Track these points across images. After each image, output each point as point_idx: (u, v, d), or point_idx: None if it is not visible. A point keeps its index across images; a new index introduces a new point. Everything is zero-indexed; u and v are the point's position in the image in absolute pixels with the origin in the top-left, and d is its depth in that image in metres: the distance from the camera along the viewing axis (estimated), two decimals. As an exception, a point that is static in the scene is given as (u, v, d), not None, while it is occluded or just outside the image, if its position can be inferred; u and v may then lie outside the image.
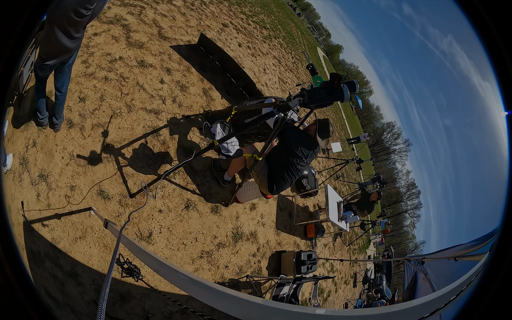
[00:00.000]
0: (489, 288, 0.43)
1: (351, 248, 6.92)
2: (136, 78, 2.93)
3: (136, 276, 1.63)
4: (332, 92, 1.99)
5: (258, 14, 8.78)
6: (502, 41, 0.45)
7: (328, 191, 4.62)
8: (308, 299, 3.79)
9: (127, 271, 1.62)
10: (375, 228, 9.41)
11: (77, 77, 2.53)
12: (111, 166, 2.41)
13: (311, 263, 3.69)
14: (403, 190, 30.46)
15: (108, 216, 2.26)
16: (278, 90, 5.84)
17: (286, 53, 8.88)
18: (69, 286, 1.92)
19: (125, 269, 1.61)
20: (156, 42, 3.42)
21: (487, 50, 0.48)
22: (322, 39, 43.65)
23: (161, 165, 2.74)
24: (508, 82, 0.46)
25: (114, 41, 3.00)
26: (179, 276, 1.09)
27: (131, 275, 1.63)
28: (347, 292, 6.12)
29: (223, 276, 2.86)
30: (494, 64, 0.47)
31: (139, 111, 2.78)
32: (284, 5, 22.02)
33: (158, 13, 3.81)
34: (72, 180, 2.18)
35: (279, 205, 4.05)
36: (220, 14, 5.62)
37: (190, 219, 2.74)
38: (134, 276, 1.63)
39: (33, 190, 1.98)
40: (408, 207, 28.47)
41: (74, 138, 2.30)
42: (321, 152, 7.02)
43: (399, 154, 34.21)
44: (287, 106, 2.04)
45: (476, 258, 1.55)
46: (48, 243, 1.93)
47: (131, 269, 1.62)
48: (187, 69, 3.53)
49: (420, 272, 2.71)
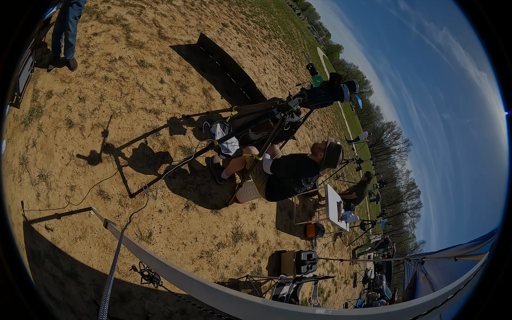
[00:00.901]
0: (489, 288, 0.43)
1: (351, 248, 6.93)
2: (136, 78, 2.93)
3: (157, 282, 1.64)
4: (332, 92, 1.99)
5: (258, 14, 8.78)
6: (502, 42, 0.46)
7: (328, 190, 4.62)
8: (308, 299, 3.79)
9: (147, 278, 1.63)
10: (375, 228, 9.42)
11: (77, 77, 2.53)
12: (111, 166, 2.41)
13: (311, 263, 3.69)
14: (403, 190, 30.50)
15: (108, 216, 2.26)
16: (278, 90, 5.84)
17: (286, 53, 8.88)
18: (69, 286, 1.92)
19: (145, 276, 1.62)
20: (156, 42, 3.42)
21: (487, 50, 0.48)
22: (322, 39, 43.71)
23: (161, 164, 2.74)
24: (508, 83, 0.46)
25: (114, 41, 3.00)
26: (179, 276, 1.09)
27: (151, 281, 1.65)
28: (347, 292, 6.12)
29: (223, 276, 2.86)
30: (494, 64, 0.47)
31: (139, 111, 2.78)
32: (284, 5, 22.03)
33: (158, 13, 3.81)
34: (72, 179, 2.18)
35: (279, 205, 4.05)
36: (220, 14, 5.62)
37: (190, 219, 2.74)
38: (154, 282, 1.64)
39: (33, 189, 1.98)
40: (408, 206, 28.51)
41: (74, 138, 2.30)
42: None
43: (399, 154, 34.25)
44: (287, 106, 2.04)
45: (476, 258, 1.55)
46: (48, 243, 1.93)
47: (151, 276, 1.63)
48: (187, 69, 3.52)
49: (420, 272, 2.71)
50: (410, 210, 28.09)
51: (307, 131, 6.67)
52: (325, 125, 9.66)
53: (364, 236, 8.56)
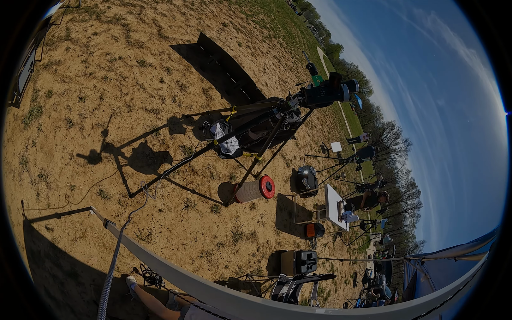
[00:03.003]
0: (489, 288, 0.43)
1: (351, 248, 6.93)
2: (135, 78, 2.93)
3: (159, 283, 1.65)
4: (332, 91, 1.99)
5: (258, 13, 8.77)
6: (502, 42, 0.46)
7: (328, 190, 4.62)
8: (307, 299, 3.79)
9: (150, 279, 1.64)
10: (375, 228, 9.43)
11: (77, 77, 2.53)
12: (110, 166, 2.41)
13: (311, 262, 3.69)
14: (403, 190, 30.55)
15: (107, 215, 2.26)
16: (278, 90, 5.84)
17: (286, 53, 8.88)
18: (69, 286, 1.92)
19: (147, 278, 1.63)
20: (156, 42, 3.42)
21: (488, 51, 0.48)
22: (322, 38, 43.70)
23: (160, 164, 2.73)
24: (508, 83, 0.46)
25: (113, 41, 3.00)
26: (178, 275, 1.09)
27: (154, 283, 1.66)
28: (347, 292, 6.13)
29: (223, 276, 2.86)
30: (495, 65, 0.47)
31: (138, 111, 2.78)
32: (284, 5, 22.01)
33: (157, 12, 3.81)
34: (72, 179, 2.18)
35: (279, 204, 4.05)
36: (220, 13, 5.61)
37: (190, 218, 2.74)
38: (156, 284, 1.65)
39: (33, 189, 1.98)
40: (408, 206, 28.57)
41: (74, 138, 2.30)
42: (321, 152, 7.03)
43: (399, 154, 34.32)
44: (287, 105, 2.04)
45: (476, 258, 1.55)
46: (48, 243, 1.93)
47: (153, 278, 1.64)
48: (187, 68, 3.52)
49: (420, 272, 2.71)
50: (410, 210, 28.15)
51: (307, 131, 6.67)
52: (325, 125, 9.66)
53: (364, 236, 8.57)
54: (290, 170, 4.78)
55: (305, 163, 5.53)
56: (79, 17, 2.89)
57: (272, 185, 3.21)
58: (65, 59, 2.54)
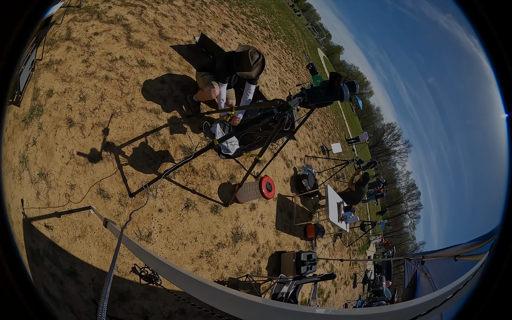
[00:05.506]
0: (489, 288, 0.43)
1: (351, 249, 6.92)
2: (136, 78, 2.93)
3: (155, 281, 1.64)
4: (332, 91, 1.99)
5: (259, 14, 8.79)
6: (502, 43, 0.46)
7: (328, 191, 4.62)
8: (307, 300, 3.79)
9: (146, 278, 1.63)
10: (375, 229, 9.42)
11: (78, 77, 2.53)
12: (111, 165, 2.41)
13: (311, 263, 3.69)
14: (403, 191, 30.52)
15: (107, 215, 2.26)
16: (278, 91, 5.85)
17: (286, 54, 8.89)
18: (68, 285, 1.92)
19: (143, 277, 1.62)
20: (157, 42, 3.42)
21: (488, 52, 0.48)
22: (322, 39, 43.73)
23: (161, 164, 2.74)
24: (508, 85, 0.46)
25: (114, 41, 3.00)
26: (178, 275, 1.09)
27: (150, 281, 1.65)
28: (347, 293, 6.12)
29: (223, 276, 2.85)
30: (495, 66, 0.47)
31: (139, 111, 2.78)
32: (284, 6, 22.04)
33: (158, 13, 3.82)
34: (72, 178, 2.18)
35: (279, 205, 4.05)
36: (220, 14, 5.62)
37: (189, 218, 2.74)
38: (153, 282, 1.64)
39: (33, 188, 1.98)
40: (408, 208, 28.54)
41: (74, 137, 2.30)
42: (321, 153, 7.02)
43: (399, 155, 34.31)
44: (287, 105, 2.04)
45: (476, 257, 1.55)
46: (47, 242, 1.93)
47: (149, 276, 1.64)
48: (188, 69, 3.53)
49: (421, 271, 2.71)
50: (410, 211, 28.13)
51: (307, 132, 6.67)
52: (326, 126, 9.66)
53: (364, 237, 8.56)
54: (290, 171, 4.78)
55: (305, 164, 5.53)
56: (80, 17, 2.89)
57: (272, 186, 3.21)
58: (66, 58, 2.55)
